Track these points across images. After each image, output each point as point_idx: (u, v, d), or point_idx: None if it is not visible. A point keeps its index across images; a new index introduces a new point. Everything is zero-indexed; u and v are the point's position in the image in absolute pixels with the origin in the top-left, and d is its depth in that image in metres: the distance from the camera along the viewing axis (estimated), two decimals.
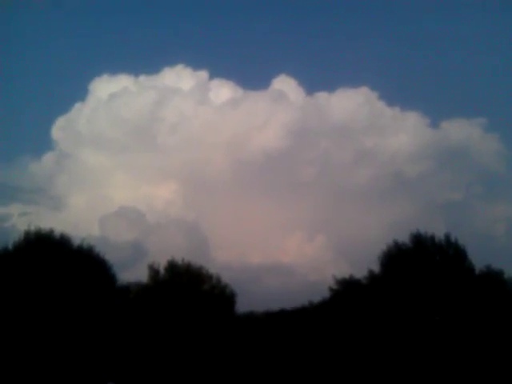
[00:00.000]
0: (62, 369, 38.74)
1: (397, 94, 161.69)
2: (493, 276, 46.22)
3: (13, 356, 38.27)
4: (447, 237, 47.71)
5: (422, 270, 45.50)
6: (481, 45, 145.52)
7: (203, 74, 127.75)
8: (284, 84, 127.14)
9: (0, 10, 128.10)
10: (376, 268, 48.92)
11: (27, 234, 45.00)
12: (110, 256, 48.25)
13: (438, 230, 49.62)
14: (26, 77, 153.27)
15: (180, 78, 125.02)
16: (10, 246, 44.37)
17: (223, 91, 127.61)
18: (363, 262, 51.73)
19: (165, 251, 58.06)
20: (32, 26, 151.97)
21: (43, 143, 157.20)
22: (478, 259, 47.12)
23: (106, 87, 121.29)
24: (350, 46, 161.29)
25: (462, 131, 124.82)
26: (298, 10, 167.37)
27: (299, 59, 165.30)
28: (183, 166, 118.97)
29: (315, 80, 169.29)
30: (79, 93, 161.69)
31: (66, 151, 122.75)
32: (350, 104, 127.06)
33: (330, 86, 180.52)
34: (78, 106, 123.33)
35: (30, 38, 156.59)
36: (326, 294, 51.97)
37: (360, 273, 50.53)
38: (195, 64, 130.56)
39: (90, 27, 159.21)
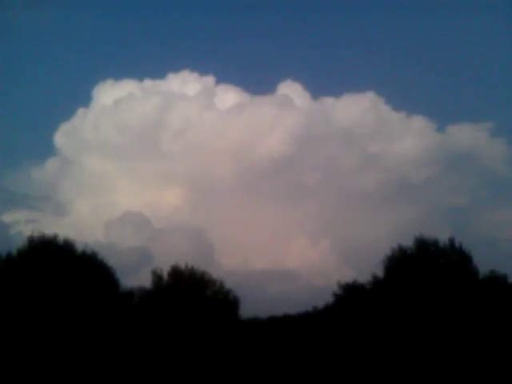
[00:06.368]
0: (65, 374, 38.75)
1: (403, 98, 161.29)
2: (497, 280, 46.06)
3: (16, 361, 38.36)
4: (451, 241, 47.49)
5: (425, 274, 45.38)
6: (487, 49, 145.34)
7: (209, 80, 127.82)
8: (290, 89, 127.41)
9: (2, 15, 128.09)
10: (380, 272, 48.88)
11: (31, 240, 45.04)
12: (115, 261, 48.36)
13: (443, 234, 49.63)
14: (29, 82, 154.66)
15: (186, 84, 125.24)
16: (14, 252, 44.46)
17: (229, 96, 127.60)
18: (368, 267, 51.62)
19: (170, 257, 58.29)
20: (35, 30, 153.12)
21: (46, 149, 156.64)
22: (484, 264, 47.03)
23: (110, 92, 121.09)
24: (356, 51, 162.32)
25: (468, 135, 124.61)
26: (304, 15, 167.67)
27: (305, 64, 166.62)
28: (188, 171, 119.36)
29: (321, 85, 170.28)
30: (83, 98, 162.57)
31: (69, 157, 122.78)
32: (355, 109, 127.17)
33: (336, 90, 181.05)
34: (81, 111, 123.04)
35: (33, 44, 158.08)
36: (330, 298, 51.99)
37: (364, 277, 50.49)
38: (201, 69, 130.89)
39: (94, 32, 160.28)
